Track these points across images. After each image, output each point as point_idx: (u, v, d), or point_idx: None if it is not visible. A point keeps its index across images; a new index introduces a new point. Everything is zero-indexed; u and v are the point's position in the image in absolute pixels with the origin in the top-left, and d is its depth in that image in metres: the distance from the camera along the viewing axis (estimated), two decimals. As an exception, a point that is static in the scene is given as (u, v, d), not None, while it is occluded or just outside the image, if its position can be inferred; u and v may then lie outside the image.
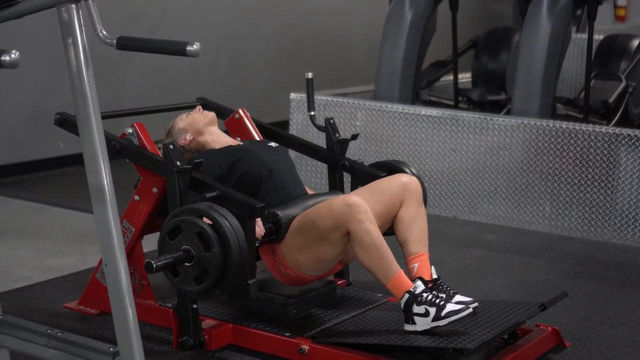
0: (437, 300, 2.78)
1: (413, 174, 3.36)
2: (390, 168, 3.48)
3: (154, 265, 2.68)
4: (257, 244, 2.95)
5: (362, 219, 2.83)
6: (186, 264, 2.73)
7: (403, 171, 3.40)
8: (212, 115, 3.43)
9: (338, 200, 2.89)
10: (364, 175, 3.45)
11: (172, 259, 2.71)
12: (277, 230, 2.98)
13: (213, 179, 3.08)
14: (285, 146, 3.51)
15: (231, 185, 3.12)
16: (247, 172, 3.12)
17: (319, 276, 3.08)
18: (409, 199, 3.09)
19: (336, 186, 3.57)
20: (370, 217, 2.85)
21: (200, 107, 3.47)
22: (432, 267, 3.05)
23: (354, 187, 3.44)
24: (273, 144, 3.37)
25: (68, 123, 3.25)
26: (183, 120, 3.40)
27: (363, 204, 2.86)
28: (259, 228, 2.94)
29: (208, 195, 2.90)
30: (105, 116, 2.67)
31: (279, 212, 2.99)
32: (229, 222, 2.72)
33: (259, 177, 3.12)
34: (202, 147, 3.35)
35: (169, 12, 6.44)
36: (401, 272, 2.86)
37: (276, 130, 3.70)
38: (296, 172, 3.31)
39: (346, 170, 3.53)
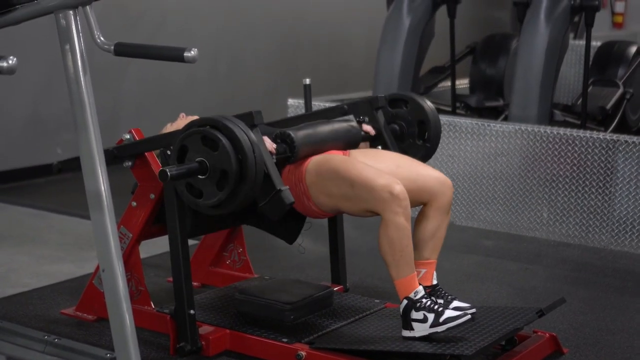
0: (436, 307, 2.78)
1: (424, 101, 3.37)
2: (394, 97, 3.42)
3: (169, 174, 2.63)
4: (274, 160, 2.88)
5: (399, 212, 2.79)
6: (202, 176, 2.70)
7: (410, 98, 3.39)
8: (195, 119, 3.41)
9: (383, 182, 2.81)
10: (364, 105, 3.35)
11: (185, 169, 2.67)
12: (291, 148, 2.95)
13: None
14: (285, 126, 3.46)
15: None
16: None
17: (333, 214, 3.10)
18: (441, 200, 3.04)
19: None
20: (407, 213, 2.81)
21: (183, 114, 3.46)
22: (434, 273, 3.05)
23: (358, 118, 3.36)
24: None
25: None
26: (168, 130, 3.39)
27: (405, 197, 2.81)
28: (269, 143, 2.91)
29: None
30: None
31: (288, 131, 2.97)
32: (230, 119, 2.71)
33: None
34: None
35: (167, 19, 6.45)
36: (414, 275, 2.84)
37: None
38: None
39: (346, 113, 3.39)
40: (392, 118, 3.43)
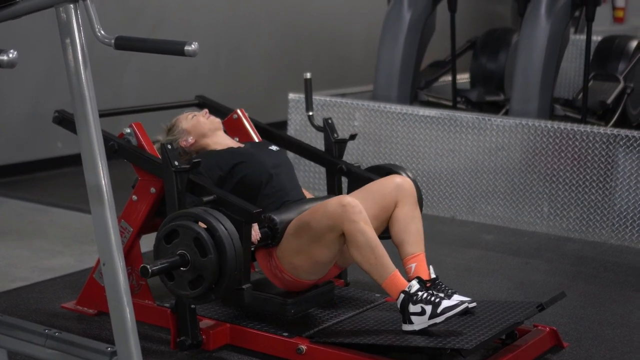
0: (433, 298, 2.79)
1: (408, 177, 3.36)
2: (387, 172, 3.47)
3: (150, 270, 2.68)
4: (252, 248, 2.95)
5: (357, 219, 2.83)
6: (182, 268, 2.74)
7: (399, 174, 3.40)
8: (217, 121, 3.39)
9: (333, 201, 2.89)
10: (360, 179, 3.45)
11: (167, 263, 2.72)
12: (273, 235, 2.98)
13: (211, 182, 3.07)
14: (282, 148, 3.51)
15: (230, 188, 3.11)
16: (247, 176, 3.12)
17: (316, 281, 3.08)
18: (404, 199, 3.09)
19: (334, 188, 3.57)
20: (364, 218, 2.85)
21: (206, 110, 3.43)
22: (430, 266, 3.05)
23: (350, 191, 3.44)
24: (274, 148, 3.35)
25: (67, 121, 3.25)
26: (188, 121, 3.35)
27: (357, 204, 2.86)
28: (255, 232, 2.94)
29: (205, 199, 2.90)
30: (103, 114, 2.67)
31: (275, 217, 2.98)
32: (225, 227, 2.73)
33: (258, 182, 3.12)
34: (203, 150, 3.33)
35: (168, 12, 6.44)
36: (397, 272, 2.86)
37: (274, 131, 3.70)
38: (295, 176, 3.31)
39: (343, 173, 3.53)
40: None
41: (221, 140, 3.34)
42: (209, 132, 3.33)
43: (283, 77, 7.24)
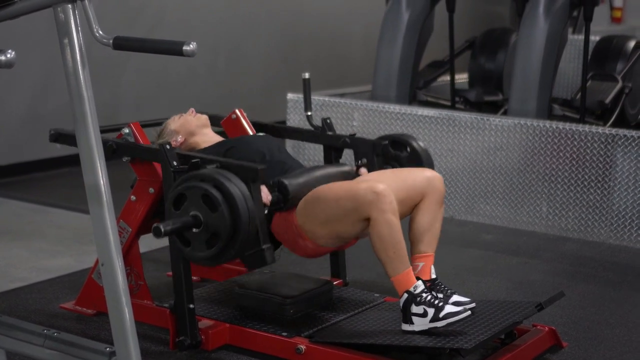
0: (436, 302, 2.78)
1: (421, 147, 3.41)
2: (399, 140, 3.47)
3: (162, 230, 2.65)
4: (265, 211, 2.91)
5: (386, 209, 2.80)
6: (195, 230, 2.71)
7: (410, 144, 3.43)
8: (204, 118, 3.42)
9: (364, 186, 2.84)
10: (366, 145, 3.40)
11: (179, 223, 2.69)
12: (285, 199, 2.96)
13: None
14: (285, 137, 3.52)
15: None
16: (240, 159, 3.11)
17: (336, 248, 3.09)
18: (432, 195, 3.07)
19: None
20: (394, 208, 2.82)
21: (193, 109, 3.45)
22: (432, 267, 3.05)
23: (358, 158, 3.40)
24: (261, 134, 3.39)
25: (63, 136, 3.25)
26: (175, 122, 3.39)
27: (389, 194, 2.82)
28: (265, 194, 2.92)
29: (209, 166, 2.88)
30: (103, 130, 2.66)
31: (284, 180, 2.98)
32: (232, 181, 2.71)
33: (252, 161, 3.11)
34: (193, 149, 3.34)
35: (167, 12, 6.44)
36: (410, 270, 2.84)
37: (272, 124, 3.68)
38: (288, 153, 3.31)
39: (347, 146, 3.49)
40: (391, 159, 3.45)
41: (210, 138, 3.36)
42: (196, 129, 3.36)
43: (282, 77, 7.24)
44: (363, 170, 3.30)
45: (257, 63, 7.22)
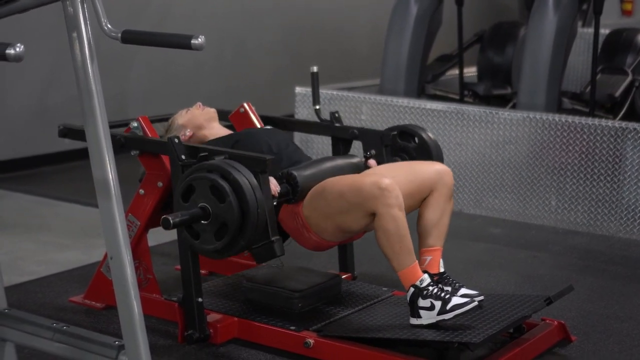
0: (443, 294, 2.78)
1: (430, 138, 3.41)
2: (408, 131, 3.45)
3: (171, 221, 2.65)
4: (274, 203, 2.91)
5: (392, 204, 2.79)
6: (203, 222, 2.71)
7: (419, 135, 3.43)
8: (212, 111, 3.41)
9: (369, 180, 2.83)
10: (374, 136, 3.40)
11: (188, 215, 2.69)
12: (294, 190, 2.95)
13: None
14: (293, 130, 3.52)
15: None
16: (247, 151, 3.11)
17: (342, 241, 3.08)
18: (441, 189, 3.06)
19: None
20: (400, 203, 2.81)
21: (200, 103, 3.45)
22: (441, 260, 3.04)
23: (367, 149, 3.39)
24: (268, 127, 3.39)
25: (72, 132, 3.25)
26: (183, 117, 3.38)
27: (395, 189, 2.81)
28: (274, 185, 2.91)
29: (217, 158, 2.88)
30: (112, 125, 2.66)
31: (294, 172, 2.97)
32: (240, 171, 2.71)
33: (259, 152, 3.11)
34: (202, 142, 3.33)
35: (173, 6, 6.43)
36: (416, 264, 2.83)
37: (280, 118, 3.68)
38: (296, 146, 3.30)
39: (356, 137, 3.48)
40: (399, 150, 3.44)
41: (217, 132, 3.36)
42: (204, 122, 3.36)
43: (289, 71, 7.23)
44: (372, 162, 3.29)
45: (263, 57, 7.21)
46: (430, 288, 2.79)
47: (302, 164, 3.09)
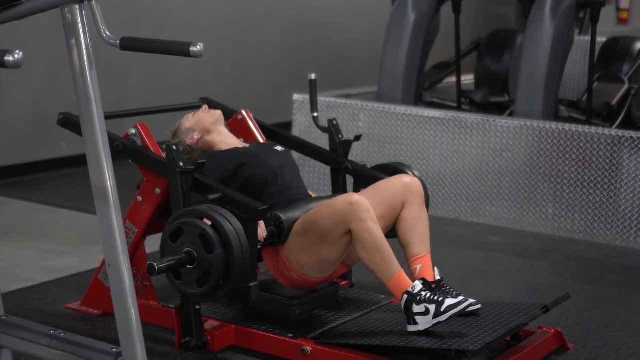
0: (436, 297, 2.78)
1: (415, 176, 3.37)
2: (393, 171, 3.47)
3: (157, 268, 2.67)
4: (259, 247, 2.94)
5: (364, 218, 2.83)
6: (188, 266, 2.73)
7: (405, 173, 3.40)
8: (219, 113, 3.42)
9: (341, 199, 2.89)
10: (366, 178, 3.45)
11: (174, 261, 2.71)
12: (280, 233, 2.98)
13: (216, 181, 3.07)
14: (288, 148, 3.52)
15: (235, 188, 3.11)
16: (252, 177, 3.12)
17: (323, 279, 3.08)
18: (411, 199, 3.09)
19: (339, 188, 3.57)
20: (372, 216, 2.85)
21: (206, 106, 3.46)
22: (435, 268, 3.05)
23: (356, 190, 3.44)
24: (279, 148, 3.36)
25: (71, 123, 3.25)
26: (190, 120, 3.38)
27: (365, 203, 2.86)
28: (262, 230, 2.94)
29: (211, 197, 2.90)
30: (108, 116, 2.66)
31: (281, 215, 2.98)
32: (231, 223, 2.72)
33: (263, 182, 3.12)
34: (210, 147, 3.34)
35: (172, 13, 6.44)
36: (402, 273, 2.86)
37: (279, 131, 3.70)
38: (300, 177, 3.31)
39: (349, 172, 3.53)
40: None
41: (225, 139, 3.35)
42: (212, 125, 3.35)
43: (287, 78, 7.24)
44: None
45: (262, 64, 7.22)
46: (423, 293, 2.80)
47: (294, 204, 3.10)
